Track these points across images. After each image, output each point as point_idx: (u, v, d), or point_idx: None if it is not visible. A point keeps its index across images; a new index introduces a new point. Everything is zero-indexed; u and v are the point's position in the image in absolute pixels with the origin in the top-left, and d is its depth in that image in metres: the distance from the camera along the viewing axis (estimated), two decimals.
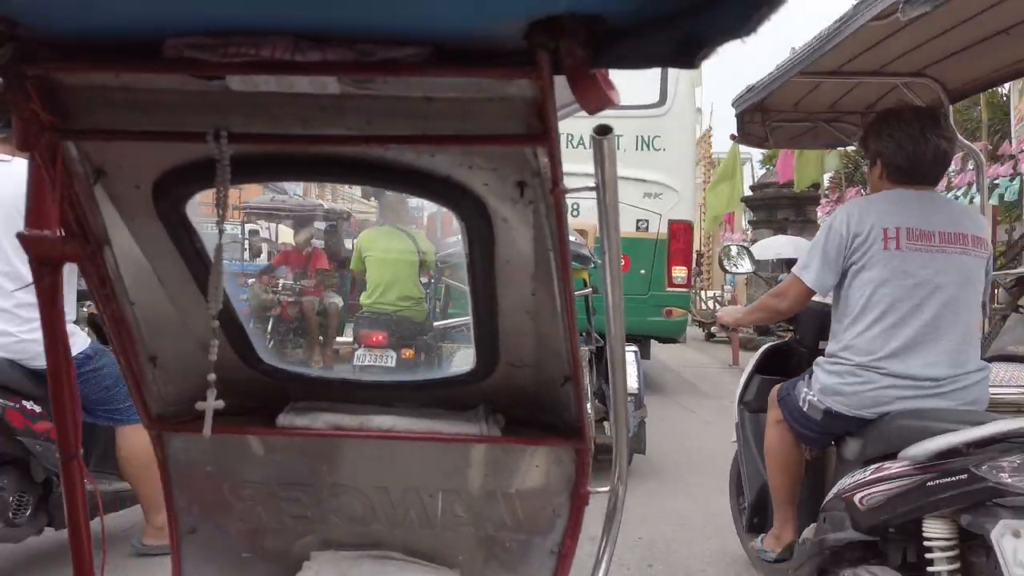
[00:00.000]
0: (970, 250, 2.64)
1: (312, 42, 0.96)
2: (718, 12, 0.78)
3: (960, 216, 2.74)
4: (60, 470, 1.31)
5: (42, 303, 1.22)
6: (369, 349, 5.88)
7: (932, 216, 2.62)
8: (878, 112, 3.06)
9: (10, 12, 0.93)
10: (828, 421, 2.69)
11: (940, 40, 2.73)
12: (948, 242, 2.61)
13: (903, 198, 2.66)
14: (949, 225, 2.63)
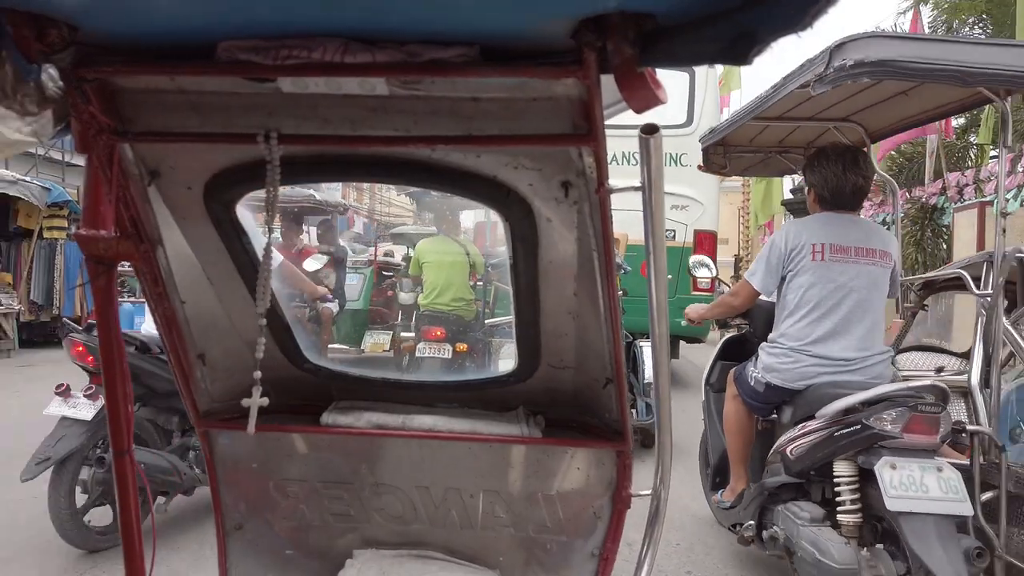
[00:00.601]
0: (878, 262, 3.39)
1: (361, 44, 0.97)
2: (774, 7, 0.76)
3: (872, 235, 3.48)
4: (113, 463, 1.34)
5: (98, 301, 1.24)
6: (428, 343, 6.70)
7: (850, 235, 3.37)
8: (811, 152, 3.76)
9: (71, 18, 0.95)
10: (768, 393, 3.47)
11: (859, 96, 3.53)
12: (861, 255, 3.37)
13: (829, 220, 3.42)
14: (863, 242, 3.37)
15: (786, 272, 3.45)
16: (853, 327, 3.31)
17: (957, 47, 2.84)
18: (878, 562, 2.80)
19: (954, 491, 2.70)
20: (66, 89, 1.05)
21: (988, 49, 2.86)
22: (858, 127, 3.92)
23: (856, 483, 2.96)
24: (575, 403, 1.54)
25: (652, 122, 1.05)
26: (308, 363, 1.56)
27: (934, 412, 2.81)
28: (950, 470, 2.77)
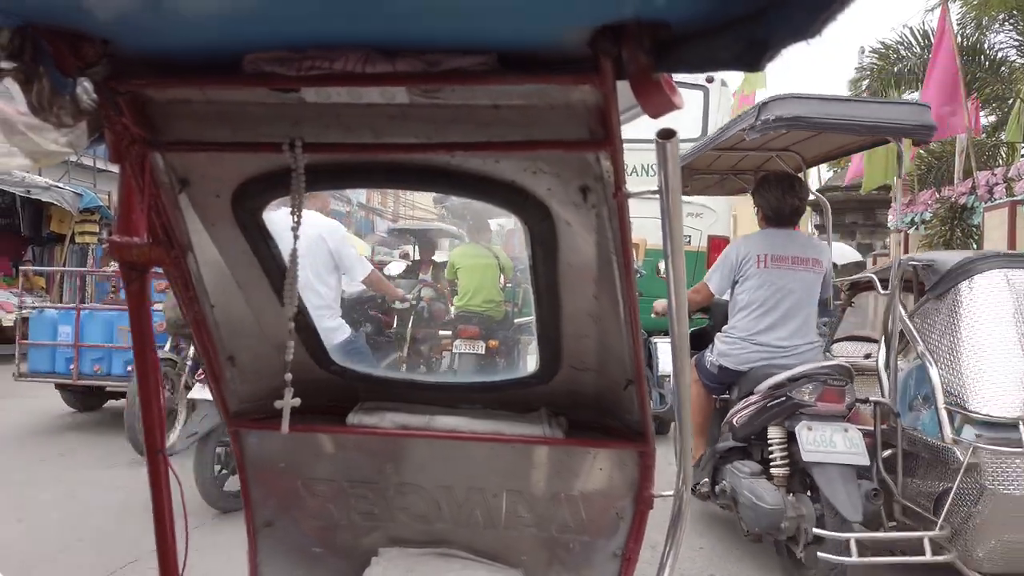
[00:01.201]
0: (811, 269, 4.19)
1: (382, 54, 0.98)
2: (784, 14, 0.77)
3: (807, 246, 4.31)
4: (147, 461, 1.38)
5: (131, 306, 1.28)
6: (464, 340, 7.39)
7: (788, 247, 4.19)
8: (758, 178, 4.54)
9: (105, 34, 0.99)
10: (722, 375, 4.25)
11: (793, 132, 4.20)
12: (797, 263, 4.16)
13: (771, 234, 4.25)
14: (799, 252, 4.19)
15: (737, 277, 4.24)
16: (789, 321, 4.11)
17: (851, 105, 3.95)
18: (800, 504, 3.66)
19: (856, 447, 3.54)
20: (100, 102, 1.08)
21: (873, 106, 3.99)
22: (796, 155, 4.71)
23: (784, 443, 3.80)
24: (597, 405, 1.54)
25: (669, 127, 1.07)
26: (334, 365, 1.59)
27: (840, 385, 3.69)
28: (854, 431, 3.60)
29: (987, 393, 3.40)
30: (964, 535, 3.40)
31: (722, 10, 0.83)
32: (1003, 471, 3.25)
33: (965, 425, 3.43)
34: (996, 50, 13.73)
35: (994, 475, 3.26)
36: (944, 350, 3.67)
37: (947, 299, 3.78)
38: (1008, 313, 3.58)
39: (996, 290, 3.65)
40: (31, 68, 0.98)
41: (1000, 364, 3.46)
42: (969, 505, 3.35)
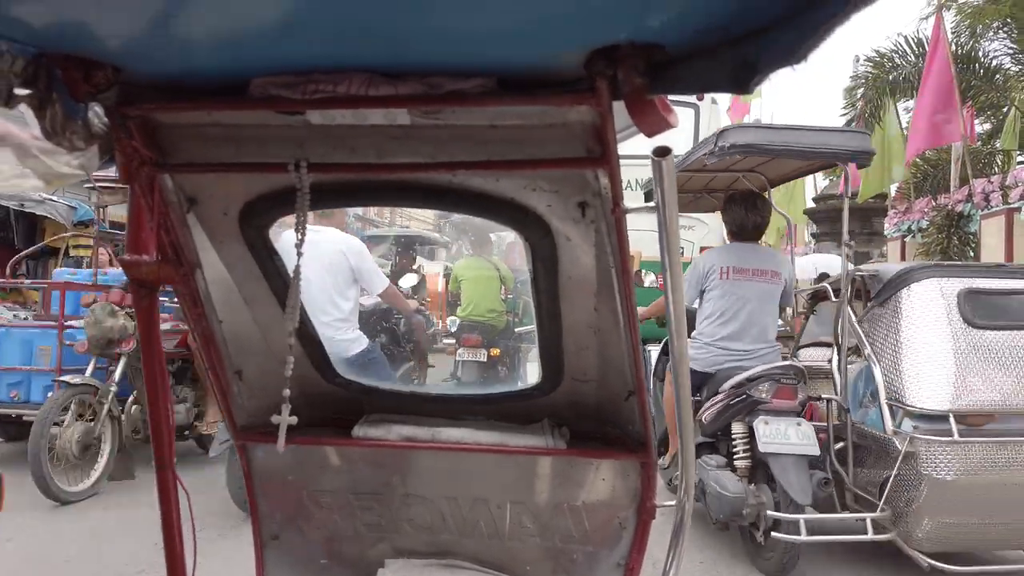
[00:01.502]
0: (769, 280, 4.63)
1: (385, 77, 1.02)
2: (771, 40, 0.81)
3: (766, 258, 4.75)
4: (156, 476, 1.41)
5: (141, 323, 1.31)
6: (467, 348, 7.84)
7: (749, 260, 4.63)
8: (725, 195, 5.08)
9: (115, 60, 1.02)
10: (692, 377, 4.34)
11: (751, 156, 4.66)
12: (756, 275, 4.60)
13: (735, 248, 4.77)
14: (758, 264, 4.64)
15: (703, 287, 4.67)
16: (750, 328, 4.55)
17: (798, 133, 4.29)
18: (760, 492, 4.06)
19: (807, 439, 3.99)
20: (111, 125, 1.11)
21: (818, 134, 4.36)
22: (760, 175, 5.21)
23: (746, 438, 4.20)
24: (598, 415, 1.56)
25: (664, 145, 1.11)
26: (339, 377, 1.62)
27: (792, 384, 4.16)
28: (806, 425, 4.07)
29: (922, 389, 3.78)
30: (906, 518, 3.78)
31: (713, 34, 0.86)
32: (936, 459, 3.62)
33: (905, 419, 3.82)
34: (991, 58, 13.80)
35: (929, 462, 3.63)
36: (887, 351, 4.04)
37: (889, 306, 4.16)
38: (941, 317, 3.94)
39: (930, 297, 4.02)
40: (45, 95, 1.01)
41: (934, 363, 3.84)
42: (909, 490, 3.73)
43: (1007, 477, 3.63)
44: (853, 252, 14.74)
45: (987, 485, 3.64)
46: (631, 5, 0.83)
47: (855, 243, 15.72)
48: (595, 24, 0.88)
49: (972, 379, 3.75)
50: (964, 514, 3.73)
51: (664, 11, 0.84)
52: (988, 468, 3.62)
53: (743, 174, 5.19)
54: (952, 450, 3.60)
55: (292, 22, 0.90)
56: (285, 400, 1.34)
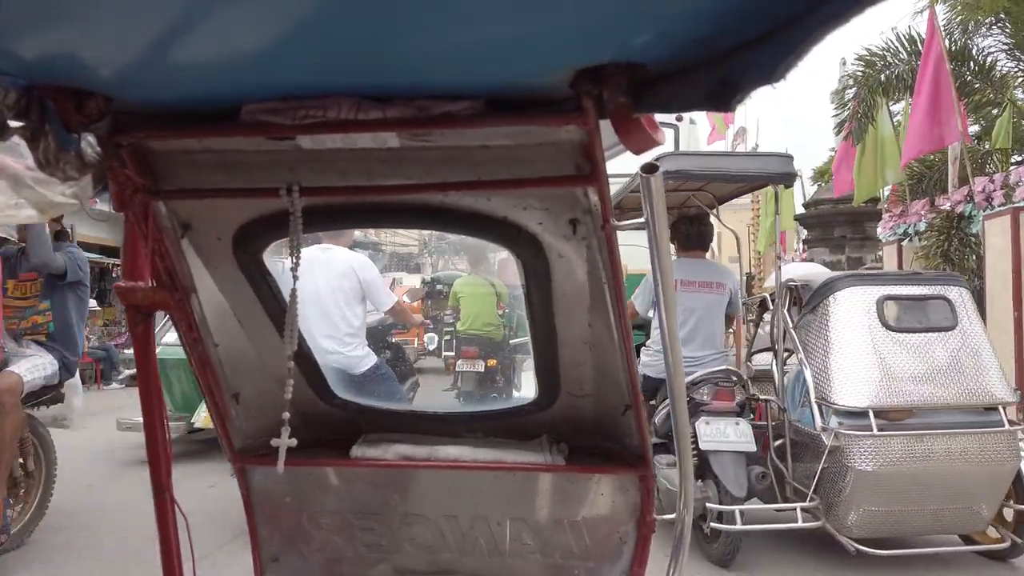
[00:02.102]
0: (714, 291, 4.99)
1: (374, 101, 1.04)
2: (750, 59, 0.82)
3: (711, 272, 5.12)
4: (154, 499, 1.42)
5: (137, 348, 1.33)
6: (466, 360, 8.40)
7: (696, 272, 5.00)
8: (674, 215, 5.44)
9: (107, 90, 1.04)
10: (646, 382, 4.85)
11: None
12: (702, 287, 4.96)
13: (683, 262, 5.07)
14: (704, 277, 5.01)
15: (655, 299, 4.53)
16: (697, 336, 4.89)
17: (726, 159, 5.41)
18: (706, 487, 4.35)
19: (744, 436, 4.34)
20: (103, 154, 1.13)
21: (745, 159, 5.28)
22: (709, 193, 5.57)
23: (693, 438, 4.37)
24: (596, 430, 1.57)
25: (652, 161, 1.13)
26: (336, 398, 1.63)
27: (729, 387, 4.54)
28: (744, 424, 4.42)
29: (845, 388, 4.16)
30: (837, 507, 4.14)
31: (694, 53, 0.87)
32: (859, 452, 3.99)
33: (832, 416, 4.18)
34: (985, 54, 13.64)
35: (852, 455, 4.00)
36: (817, 354, 4.42)
37: (818, 312, 4.55)
38: (861, 322, 4.33)
39: (852, 304, 4.41)
40: (37, 126, 1.02)
41: (855, 364, 4.22)
42: (837, 481, 4.10)
43: (925, 467, 3.96)
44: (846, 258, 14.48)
45: (907, 475, 3.97)
46: (614, 25, 0.85)
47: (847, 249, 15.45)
48: (580, 44, 0.90)
49: (890, 378, 4.12)
50: (888, 502, 4.06)
51: (646, 31, 0.86)
52: (907, 459, 3.96)
53: (692, 193, 5.56)
54: (872, 443, 3.97)
55: (281, 49, 0.91)
56: (285, 423, 1.35)
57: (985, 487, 4.08)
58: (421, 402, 8.00)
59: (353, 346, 4.65)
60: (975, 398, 4.10)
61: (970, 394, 4.11)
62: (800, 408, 4.47)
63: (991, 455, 4.00)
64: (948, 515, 4.15)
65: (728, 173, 4.77)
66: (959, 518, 4.19)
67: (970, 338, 4.26)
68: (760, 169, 4.75)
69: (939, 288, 4.47)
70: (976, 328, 4.33)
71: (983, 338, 4.31)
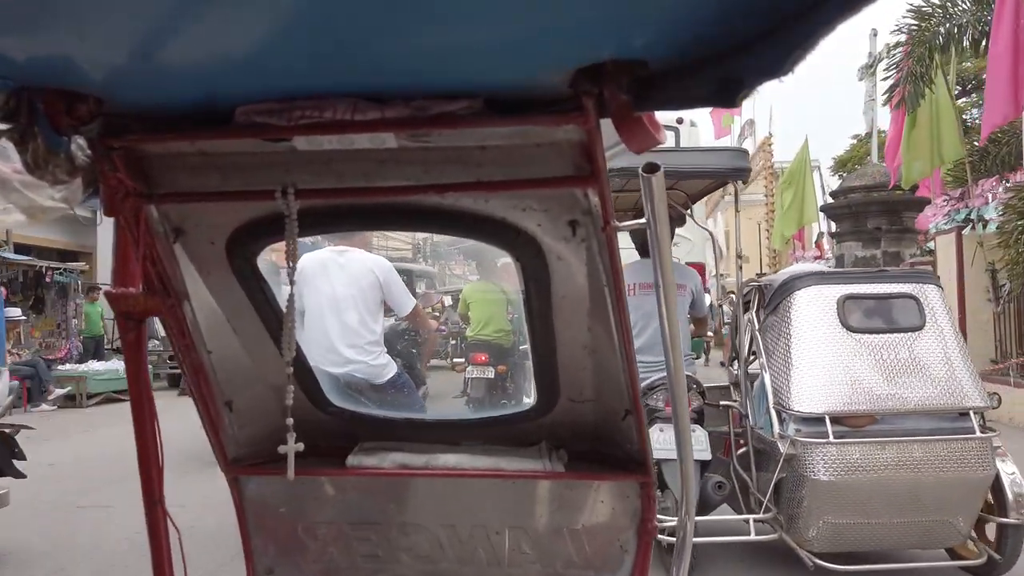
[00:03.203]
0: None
1: (370, 102, 1.03)
2: (756, 54, 0.82)
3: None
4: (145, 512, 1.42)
5: (127, 355, 1.33)
6: (476, 366, 8.40)
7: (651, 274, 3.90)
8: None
9: (98, 92, 1.03)
10: None
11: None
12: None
13: (642, 265, 4.89)
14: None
15: None
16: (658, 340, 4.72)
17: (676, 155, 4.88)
18: (665, 498, 4.27)
19: (700, 444, 4.25)
20: (94, 157, 1.12)
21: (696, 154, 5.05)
22: (681, 192, 5.40)
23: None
24: (596, 436, 1.57)
25: (653, 161, 1.15)
26: (332, 406, 1.61)
27: None
28: (700, 431, 4.37)
29: (803, 393, 4.01)
30: (796, 519, 4.00)
31: (696, 49, 0.87)
32: (814, 461, 3.84)
33: (791, 423, 4.03)
34: None
35: (808, 465, 3.85)
36: (777, 357, 4.28)
37: (779, 314, 4.41)
38: (820, 323, 4.18)
39: (812, 304, 4.26)
40: (26, 128, 1.01)
41: (812, 367, 4.09)
42: (795, 491, 3.97)
43: (889, 477, 3.79)
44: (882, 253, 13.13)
45: (868, 485, 3.81)
46: (613, 23, 0.85)
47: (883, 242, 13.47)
48: (579, 43, 0.90)
49: (850, 382, 3.96)
50: (850, 514, 3.90)
51: (646, 28, 0.86)
52: (867, 468, 3.79)
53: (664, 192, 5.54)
54: (828, 451, 3.82)
55: (276, 50, 0.91)
56: (289, 428, 1.34)
57: (957, 498, 3.88)
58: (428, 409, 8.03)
59: (376, 355, 4.54)
60: (944, 402, 3.92)
61: (938, 398, 3.93)
62: (764, 415, 4.32)
63: (961, 464, 3.82)
64: (919, 528, 3.97)
65: (677, 170, 4.58)
66: (932, 532, 4.01)
67: (939, 339, 4.10)
68: (712, 165, 4.72)
69: (906, 286, 4.32)
70: (946, 328, 4.15)
71: (953, 339, 4.13)
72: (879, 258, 13.37)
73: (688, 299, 5.01)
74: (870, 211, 14.02)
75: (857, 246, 13.95)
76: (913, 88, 11.18)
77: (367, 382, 4.51)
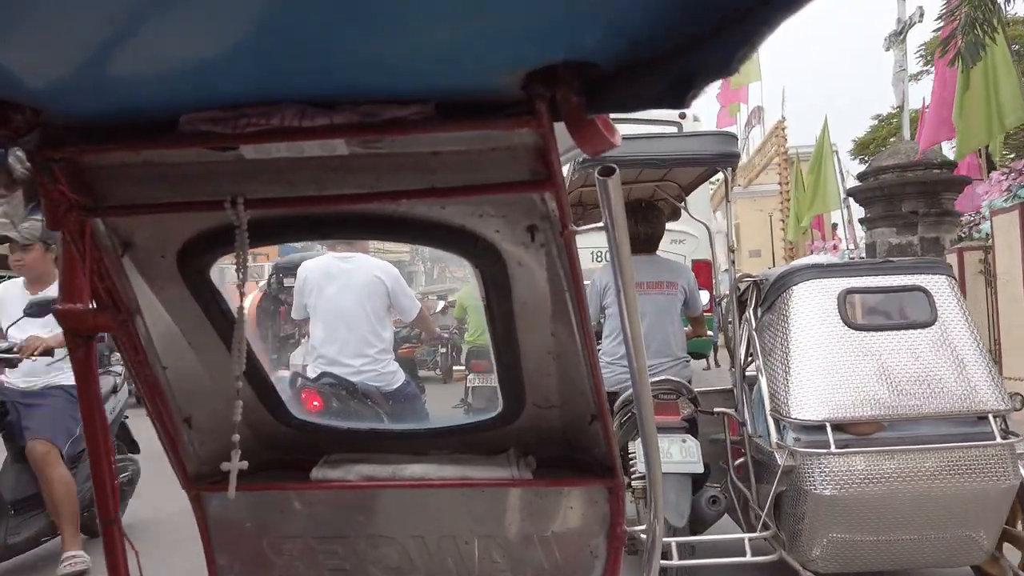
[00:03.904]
0: (665, 292, 4.66)
1: (319, 108, 1.03)
2: (703, 54, 0.82)
3: (661, 270, 4.75)
4: (101, 531, 1.41)
5: (77, 374, 1.32)
6: (477, 375, 8.11)
7: (643, 272, 4.60)
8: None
9: (35, 102, 1.02)
10: None
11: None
12: (650, 287, 4.63)
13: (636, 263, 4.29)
14: (652, 277, 4.66)
15: (603, 304, 4.69)
16: (648, 343, 4.41)
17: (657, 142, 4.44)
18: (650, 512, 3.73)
19: (691, 456, 3.94)
20: (34, 170, 1.11)
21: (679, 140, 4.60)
22: (673, 183, 5.14)
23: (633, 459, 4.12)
24: (564, 441, 1.58)
25: (609, 164, 1.16)
26: (294, 419, 1.61)
27: (670, 400, 4.13)
28: (692, 441, 4.01)
29: (801, 398, 3.70)
30: (798, 537, 3.69)
31: (645, 50, 0.88)
32: (815, 472, 3.54)
33: (790, 431, 3.74)
34: None
35: (808, 477, 3.56)
36: (774, 359, 3.96)
37: (775, 311, 4.08)
38: (819, 321, 3.88)
39: (810, 300, 3.95)
40: None
41: (811, 370, 3.77)
42: (795, 507, 3.67)
43: (898, 489, 3.49)
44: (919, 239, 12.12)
45: (875, 499, 3.50)
46: (564, 25, 0.85)
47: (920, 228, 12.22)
48: (529, 45, 0.90)
49: (853, 385, 3.67)
50: (857, 531, 3.59)
51: (597, 30, 0.86)
52: (873, 480, 3.50)
53: (656, 184, 5.17)
54: (831, 463, 3.52)
55: (221, 56, 0.90)
56: (235, 445, 1.34)
57: (977, 511, 3.54)
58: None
59: (386, 362, 4.55)
60: (959, 405, 3.59)
61: (952, 401, 3.60)
62: (763, 422, 4.02)
63: (980, 473, 3.48)
64: (935, 545, 3.64)
65: (657, 158, 4.27)
66: (950, 548, 3.66)
67: (952, 335, 3.77)
68: (696, 151, 4.30)
69: (915, 278, 3.96)
70: (959, 323, 3.81)
71: (969, 335, 3.79)
72: (916, 245, 12.26)
73: (680, 297, 4.74)
74: (905, 193, 12.75)
75: (891, 232, 12.82)
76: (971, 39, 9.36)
77: (378, 389, 4.57)
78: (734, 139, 4.42)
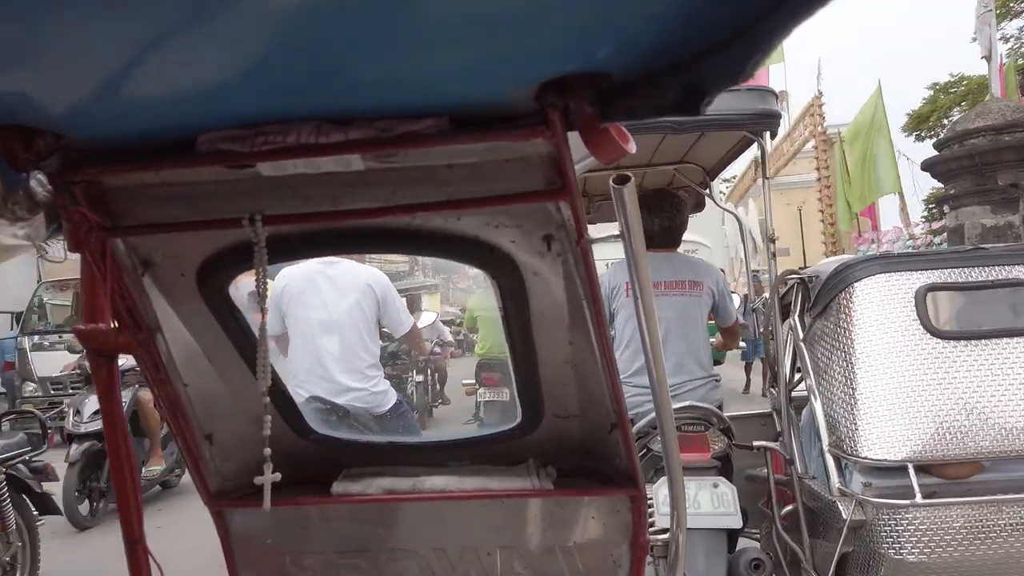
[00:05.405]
0: (687, 292, 3.97)
1: (334, 124, 1.08)
2: (716, 62, 0.87)
3: (682, 268, 4.05)
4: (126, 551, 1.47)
5: (100, 393, 1.39)
6: (488, 388, 7.99)
7: (659, 271, 3.92)
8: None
9: (56, 127, 1.08)
10: None
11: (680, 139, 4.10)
12: (669, 288, 3.93)
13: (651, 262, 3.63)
14: (671, 276, 3.96)
15: (611, 309, 4.04)
16: (669, 356, 3.72)
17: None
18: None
19: (726, 505, 3.17)
20: (55, 193, 1.17)
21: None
22: (697, 167, 4.52)
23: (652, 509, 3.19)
24: (584, 451, 1.62)
25: (624, 173, 1.21)
26: (314, 433, 1.67)
27: (696, 431, 3.41)
28: (726, 486, 3.24)
29: (871, 430, 2.96)
30: None
31: (658, 60, 0.92)
32: (895, 530, 2.81)
33: (856, 473, 3.00)
34: None
35: (886, 535, 2.83)
36: (831, 379, 3.22)
37: (828, 316, 3.36)
38: (891, 327, 3.12)
39: (878, 301, 3.20)
40: None
41: (886, 392, 3.01)
42: (869, 574, 2.93)
43: (1009, 553, 2.75)
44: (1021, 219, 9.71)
45: (978, 565, 2.77)
46: (577, 37, 0.89)
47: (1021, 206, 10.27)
48: (543, 57, 0.94)
49: (940, 414, 2.92)
50: None
51: (610, 40, 0.90)
52: (974, 540, 2.75)
53: (676, 167, 4.54)
54: (915, 517, 2.78)
55: (237, 76, 0.95)
56: (267, 459, 1.39)
57: None
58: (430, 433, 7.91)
59: (375, 380, 4.26)
60: None
61: None
62: (818, 458, 3.28)
63: None
64: None
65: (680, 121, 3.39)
66: None
67: None
68: (727, 111, 3.41)
69: (1018, 268, 3.14)
70: None
71: None
72: (1018, 227, 10.06)
73: (707, 300, 4.02)
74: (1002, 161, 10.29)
75: (983, 212, 10.51)
76: None
77: (367, 412, 4.27)
78: (773, 95, 3.69)
